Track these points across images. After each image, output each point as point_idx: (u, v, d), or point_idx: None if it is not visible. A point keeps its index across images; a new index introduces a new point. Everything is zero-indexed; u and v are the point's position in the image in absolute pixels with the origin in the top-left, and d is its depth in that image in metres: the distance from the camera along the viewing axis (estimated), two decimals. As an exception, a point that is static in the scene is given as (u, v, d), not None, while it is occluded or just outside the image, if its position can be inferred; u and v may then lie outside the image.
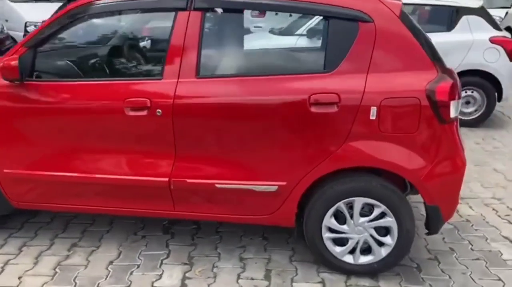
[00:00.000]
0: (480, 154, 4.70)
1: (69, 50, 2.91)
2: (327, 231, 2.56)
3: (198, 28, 2.43)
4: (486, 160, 4.52)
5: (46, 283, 2.47)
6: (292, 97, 2.37)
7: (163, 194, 2.56)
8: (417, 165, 2.38)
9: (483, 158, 4.56)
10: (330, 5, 2.41)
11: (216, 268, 2.65)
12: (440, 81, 2.34)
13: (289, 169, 2.46)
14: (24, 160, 2.63)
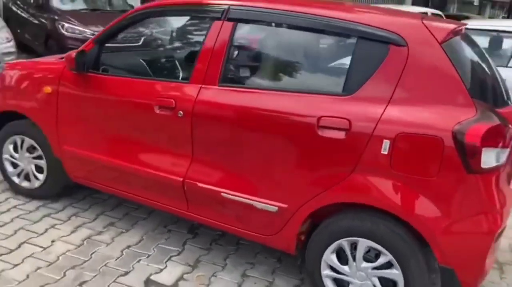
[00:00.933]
0: None
1: (123, 49, 3.21)
2: (327, 268, 2.35)
3: (227, 38, 2.46)
4: None
5: (69, 250, 2.77)
6: (301, 117, 2.24)
7: (177, 193, 2.65)
8: (430, 215, 2.03)
9: None
10: (364, 25, 2.21)
11: (214, 277, 2.64)
12: (475, 122, 1.96)
13: (291, 192, 2.32)
14: (78, 140, 2.99)
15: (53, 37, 7.47)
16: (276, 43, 2.61)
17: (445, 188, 2.02)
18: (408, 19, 2.28)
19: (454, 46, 2.18)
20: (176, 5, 2.69)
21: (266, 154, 2.36)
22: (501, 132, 2.00)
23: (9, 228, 2.97)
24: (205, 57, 2.50)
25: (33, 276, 2.50)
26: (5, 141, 3.33)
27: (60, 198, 3.39)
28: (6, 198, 3.37)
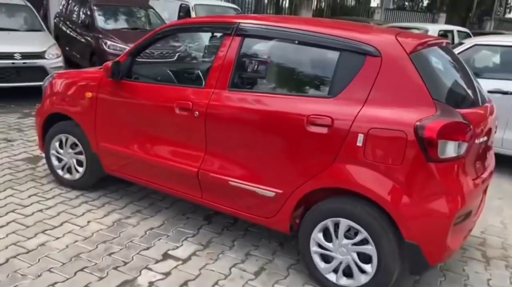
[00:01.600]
0: None
1: (150, 60, 3.74)
2: (315, 245, 2.74)
3: (236, 49, 2.94)
4: None
5: (101, 229, 3.28)
6: (294, 115, 2.67)
7: (193, 181, 3.12)
8: (397, 197, 2.41)
9: None
10: (346, 39, 2.64)
11: (222, 254, 3.07)
12: (434, 120, 2.34)
13: (285, 179, 2.74)
14: (113, 137, 3.52)
15: (97, 53, 8.23)
16: (275, 54, 3.08)
17: (409, 174, 2.39)
18: (384, 35, 2.69)
19: (422, 56, 2.57)
20: (194, 24, 3.22)
21: (265, 147, 2.80)
22: (457, 127, 2.36)
23: (53, 211, 3.52)
24: (217, 66, 2.98)
25: (71, 247, 3.01)
26: (52, 139, 3.92)
27: (96, 189, 3.92)
28: (51, 188, 3.94)
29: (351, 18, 15.58)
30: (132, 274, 2.76)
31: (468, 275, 3.11)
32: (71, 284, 2.61)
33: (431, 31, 10.23)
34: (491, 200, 4.49)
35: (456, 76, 2.90)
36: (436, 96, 2.43)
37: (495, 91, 5.13)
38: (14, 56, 6.92)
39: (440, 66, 2.77)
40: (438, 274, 3.07)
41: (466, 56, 5.66)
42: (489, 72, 5.79)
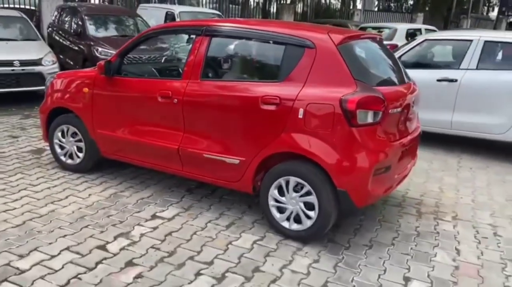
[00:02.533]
0: None
1: (137, 58, 4.43)
2: (272, 200, 3.45)
3: (205, 47, 3.65)
4: None
5: (100, 200, 3.95)
6: (251, 97, 3.39)
7: (175, 157, 3.81)
8: (328, 154, 3.12)
9: None
10: (290, 36, 3.37)
11: (200, 215, 3.77)
12: (353, 95, 3.06)
13: (246, 149, 3.45)
14: (107, 125, 4.21)
15: (89, 59, 8.89)
16: (236, 49, 3.81)
17: (337, 138, 3.11)
18: (319, 32, 3.40)
19: (348, 47, 3.29)
20: (171, 27, 3.94)
21: (230, 124, 3.51)
22: (372, 100, 3.08)
23: (59, 188, 4.19)
24: (191, 61, 3.69)
25: (76, 212, 3.69)
26: (55, 129, 4.59)
27: (94, 172, 4.60)
28: (56, 171, 4.62)
29: (331, 21, 16.41)
30: (127, 229, 3.45)
31: (400, 224, 3.83)
32: (78, 236, 3.29)
33: (399, 30, 11.05)
34: (436, 171, 5.25)
35: (379, 62, 3.64)
36: (357, 77, 3.15)
37: (443, 79, 5.90)
38: (13, 63, 7.57)
39: (364, 54, 3.49)
40: (375, 224, 3.78)
41: (418, 50, 6.44)
42: (437, 63, 6.56)
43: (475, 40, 5.88)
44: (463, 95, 5.78)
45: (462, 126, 5.86)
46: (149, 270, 2.92)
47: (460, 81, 5.79)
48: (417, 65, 6.28)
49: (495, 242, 3.59)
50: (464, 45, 5.98)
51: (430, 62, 6.51)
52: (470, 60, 5.84)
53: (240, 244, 3.32)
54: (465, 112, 5.80)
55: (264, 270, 2.99)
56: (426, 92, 5.77)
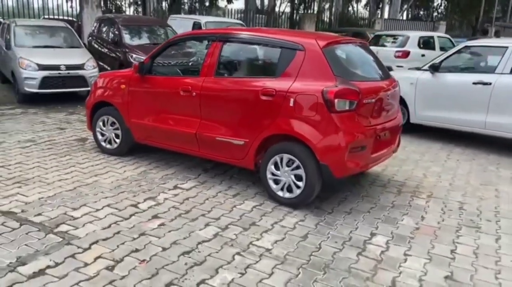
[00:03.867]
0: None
1: (165, 60, 5.32)
2: (269, 174, 4.26)
3: (218, 51, 4.52)
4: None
5: (132, 175, 4.85)
6: (253, 90, 4.22)
7: (193, 140, 4.68)
8: (313, 135, 3.91)
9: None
10: (285, 41, 4.20)
11: (212, 187, 4.61)
12: (332, 87, 3.85)
13: (249, 132, 4.27)
14: (139, 115, 5.12)
15: (124, 65, 9.92)
16: (243, 52, 4.67)
17: (319, 122, 3.90)
18: (309, 37, 4.21)
19: (331, 49, 4.08)
20: (193, 35, 4.84)
21: (237, 111, 4.35)
22: (347, 92, 3.85)
23: (100, 166, 5.12)
24: (207, 61, 4.57)
25: (114, 183, 4.60)
26: (98, 120, 5.55)
27: (128, 155, 5.51)
28: (97, 154, 5.55)
29: (350, 29, 17.14)
30: (154, 195, 4.33)
31: (380, 199, 4.56)
32: (115, 198, 4.19)
33: (412, 37, 11.69)
34: (425, 162, 5.94)
35: (360, 62, 4.45)
36: (337, 73, 3.94)
37: (478, 82, 6.46)
38: (60, 67, 8.66)
39: (345, 56, 4.27)
40: (358, 198, 4.53)
41: (457, 55, 7.05)
42: (474, 67, 7.08)
43: (510, 47, 6.41)
44: (496, 97, 6.27)
45: (495, 126, 6.33)
46: (170, 221, 3.77)
47: (494, 84, 6.31)
48: (456, 69, 6.92)
49: (458, 213, 4.27)
50: (499, 52, 6.51)
51: (467, 67, 7.09)
52: (504, 65, 6.34)
53: (243, 207, 4.14)
54: (498, 114, 6.27)
55: (259, 225, 3.80)
56: (462, 94, 6.54)
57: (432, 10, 48.30)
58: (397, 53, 11.45)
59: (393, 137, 4.62)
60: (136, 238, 3.44)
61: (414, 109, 7.13)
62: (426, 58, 11.68)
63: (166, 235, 3.52)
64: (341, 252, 3.42)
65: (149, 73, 5.04)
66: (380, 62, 4.75)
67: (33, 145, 5.89)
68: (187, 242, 3.42)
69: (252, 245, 3.43)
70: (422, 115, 7.10)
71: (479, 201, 4.63)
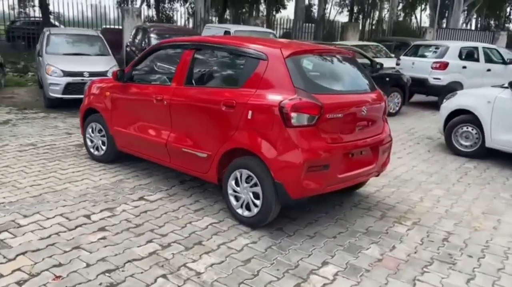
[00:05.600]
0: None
1: (145, 68, 5.22)
2: (230, 189, 4.00)
3: (189, 59, 4.35)
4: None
5: (106, 183, 4.79)
6: (216, 100, 4.00)
7: (164, 150, 4.53)
8: (268, 151, 3.62)
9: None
10: (248, 49, 3.95)
11: (179, 200, 4.43)
12: (289, 100, 3.55)
13: (212, 144, 4.05)
14: (120, 122, 5.06)
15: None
16: (212, 61, 4.47)
17: (276, 136, 3.60)
18: (273, 46, 3.93)
19: (295, 60, 3.76)
20: (169, 43, 4.72)
21: (201, 122, 4.15)
22: (306, 105, 3.53)
23: (80, 173, 5.11)
24: (179, 70, 4.42)
25: (83, 191, 4.55)
26: (87, 126, 5.57)
27: (116, 162, 5.47)
28: (85, 161, 5.57)
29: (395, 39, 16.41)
30: (114, 205, 4.21)
31: (355, 223, 4.14)
32: (73, 207, 4.12)
33: (452, 48, 10.91)
34: (429, 184, 5.41)
35: (332, 74, 4.11)
36: (297, 85, 3.63)
37: None
38: (83, 74, 8.91)
39: (311, 66, 3.93)
40: (331, 221, 4.15)
41: None
42: None
43: None
44: None
45: None
46: (113, 235, 3.63)
47: None
48: None
49: (437, 245, 3.77)
50: None
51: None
52: None
53: (198, 224, 3.91)
54: None
55: (204, 244, 3.56)
56: None
57: (504, 19, 45.40)
58: (434, 64, 10.70)
59: (375, 155, 4.20)
60: (67, 251, 3.32)
61: (490, 131, 6.31)
62: (467, 70, 10.88)
63: (100, 250, 3.37)
64: (278, 281, 3.09)
65: (131, 81, 4.97)
66: (365, 75, 4.35)
67: (32, 149, 6.03)
68: (117, 259, 3.25)
69: (184, 267, 3.20)
70: (500, 139, 6.24)
71: (472, 232, 4.08)
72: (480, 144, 6.50)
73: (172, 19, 24.75)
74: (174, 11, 24.91)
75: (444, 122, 7.00)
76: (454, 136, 6.81)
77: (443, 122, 7.03)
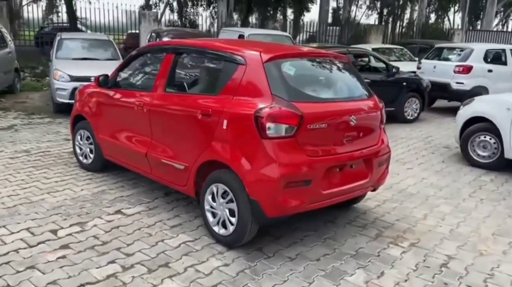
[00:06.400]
0: None
1: (127, 73, 4.96)
2: (207, 205, 3.68)
3: (169, 63, 4.08)
4: None
5: (87, 194, 4.56)
6: (193, 108, 3.70)
7: (144, 161, 4.26)
8: (243, 164, 3.29)
9: None
10: (227, 52, 3.64)
11: (158, 214, 4.14)
12: (266, 109, 3.21)
13: (189, 155, 3.75)
14: (104, 130, 4.84)
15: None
16: (191, 65, 4.19)
17: (251, 149, 3.27)
18: (253, 49, 3.59)
19: (275, 65, 3.42)
20: (150, 47, 4.46)
21: (179, 132, 3.86)
22: (283, 115, 3.18)
23: (64, 182, 4.90)
24: (160, 76, 4.14)
25: (60, 202, 4.32)
26: (76, 133, 5.38)
27: (104, 171, 5.24)
28: (74, 169, 5.37)
29: (420, 41, 15.79)
30: (87, 219, 3.96)
31: (345, 244, 3.75)
32: (43, 221, 3.89)
33: (476, 50, 10.30)
34: (437, 199, 4.95)
35: (320, 80, 3.72)
36: (275, 92, 3.29)
37: None
38: (90, 79, 8.77)
39: (293, 72, 3.55)
40: (318, 240, 3.77)
41: None
42: None
43: None
44: None
45: None
46: (75, 253, 3.37)
47: None
48: None
49: (433, 272, 3.35)
50: None
51: None
52: None
53: (170, 242, 3.61)
54: None
55: (171, 266, 3.25)
56: None
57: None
58: (457, 68, 10.09)
59: (369, 168, 3.81)
60: (20, 271, 3.08)
61: (509, 141, 5.79)
62: (493, 74, 10.22)
63: (55, 271, 3.11)
64: (242, 313, 2.76)
65: (115, 87, 4.74)
66: (360, 81, 3.97)
67: (25, 155, 5.89)
68: (69, 283, 2.98)
69: (141, 293, 2.91)
70: None
71: (476, 257, 3.62)
72: (498, 155, 5.97)
73: (195, 23, 24.70)
74: (198, 15, 24.85)
75: (460, 131, 6.49)
76: (471, 145, 6.29)
77: (459, 131, 6.51)
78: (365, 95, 3.89)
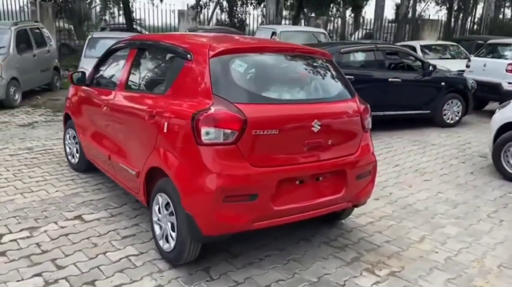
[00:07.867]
0: None
1: (101, 70, 4.68)
2: (155, 215, 3.32)
3: (131, 59, 3.77)
4: None
5: (57, 197, 4.38)
6: (142, 108, 3.36)
7: (109, 163, 3.99)
8: (179, 173, 2.90)
9: None
10: (176, 46, 3.27)
11: (117, 222, 3.85)
12: (204, 110, 2.79)
13: (139, 160, 3.41)
14: (81, 130, 4.64)
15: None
16: (149, 62, 3.85)
17: (186, 156, 2.86)
18: (203, 43, 3.18)
19: (223, 60, 2.96)
20: (120, 43, 4.18)
21: (131, 134, 3.54)
22: (221, 118, 2.74)
23: (43, 182, 4.75)
24: (123, 73, 3.86)
25: (26, 203, 4.16)
26: (65, 133, 5.25)
27: (88, 172, 5.05)
28: (62, 168, 5.24)
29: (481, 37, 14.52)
30: (41, 224, 3.75)
31: (310, 267, 3.23)
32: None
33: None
34: (445, 218, 4.29)
35: (276, 79, 3.21)
36: (217, 92, 2.85)
37: None
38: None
39: (244, 69, 3.04)
40: (278, 262, 3.28)
41: None
42: None
43: None
44: None
45: None
46: (6, 262, 3.15)
47: None
48: None
49: (403, 312, 2.76)
50: None
51: None
52: None
53: (112, 256, 3.29)
54: None
55: (97, 284, 2.93)
56: None
57: None
58: (509, 67, 8.98)
59: (342, 181, 3.25)
60: None
61: None
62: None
63: (-27, 281, 2.90)
64: None
65: (91, 84, 4.52)
66: (340, 80, 3.44)
67: (25, 153, 5.87)
68: (-21, 295, 2.76)
69: (47, 314, 2.61)
70: None
71: (467, 295, 2.97)
72: None
73: (244, 22, 24.47)
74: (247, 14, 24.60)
75: (494, 137, 5.64)
76: (504, 155, 5.43)
77: (492, 137, 5.66)
78: (342, 97, 3.33)
